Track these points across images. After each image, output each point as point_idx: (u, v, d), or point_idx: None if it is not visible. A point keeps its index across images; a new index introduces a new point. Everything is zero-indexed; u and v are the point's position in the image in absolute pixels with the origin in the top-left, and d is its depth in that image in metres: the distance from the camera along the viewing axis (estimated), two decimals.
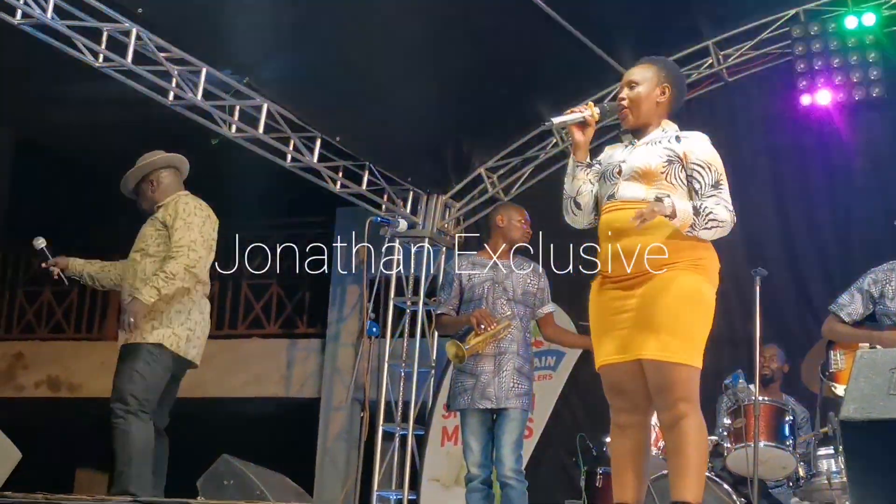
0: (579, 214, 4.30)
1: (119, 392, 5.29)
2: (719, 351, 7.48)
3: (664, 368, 3.96)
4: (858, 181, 7.67)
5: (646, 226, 3.93)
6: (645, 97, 4.21)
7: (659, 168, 4.05)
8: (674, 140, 4.14)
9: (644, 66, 4.30)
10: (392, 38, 7.33)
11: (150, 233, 5.57)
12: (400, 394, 8.62)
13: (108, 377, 5.56)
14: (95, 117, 9.09)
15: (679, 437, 3.99)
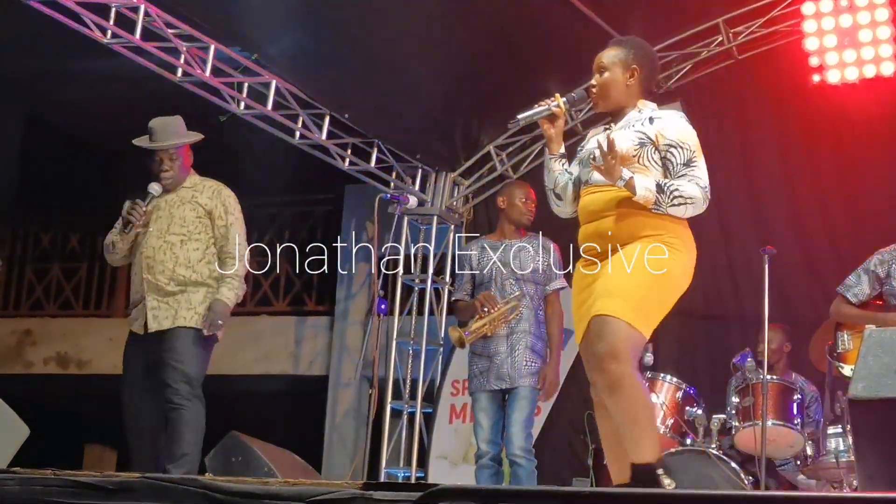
0: (561, 205, 4.34)
1: (185, 376, 5.27)
2: (728, 330, 7.52)
3: (604, 321, 3.94)
4: (868, 160, 7.64)
5: (614, 208, 4.04)
6: (613, 81, 4.22)
7: (630, 151, 4.06)
8: (647, 122, 4.15)
9: (611, 49, 4.29)
10: (402, 15, 7.31)
11: (192, 218, 5.46)
12: (408, 371, 8.63)
13: (117, 353, 5.60)
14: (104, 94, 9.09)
15: (620, 401, 3.94)
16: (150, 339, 5.36)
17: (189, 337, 5.34)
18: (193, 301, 5.37)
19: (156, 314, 5.34)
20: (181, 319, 5.34)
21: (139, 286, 5.44)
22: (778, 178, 7.95)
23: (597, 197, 4.12)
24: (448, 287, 8.88)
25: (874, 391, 3.11)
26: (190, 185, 5.54)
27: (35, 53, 8.29)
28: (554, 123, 4.25)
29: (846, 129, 7.77)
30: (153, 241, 5.43)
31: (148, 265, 5.41)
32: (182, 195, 5.51)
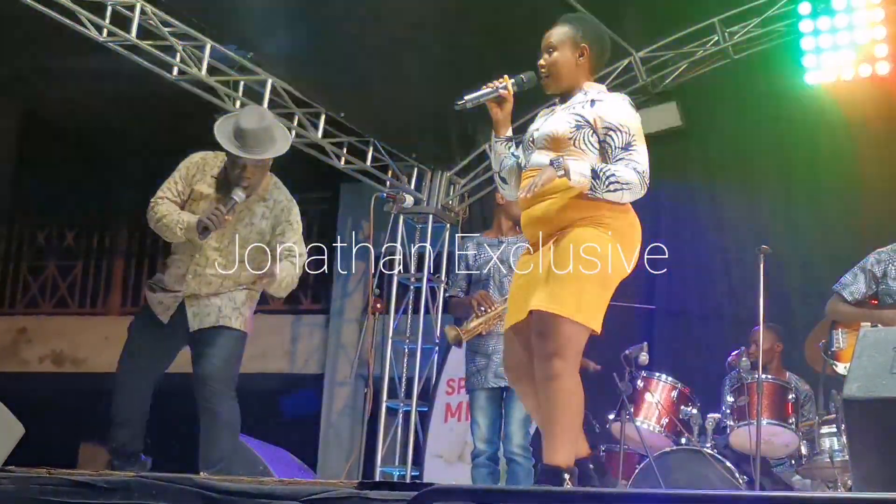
0: (507, 189, 4.28)
1: (227, 376, 5.08)
2: (724, 329, 7.53)
3: (548, 318, 3.87)
4: (864, 160, 7.65)
5: (552, 188, 3.92)
6: (563, 62, 4.12)
7: (566, 134, 3.98)
8: (587, 105, 4.04)
9: (561, 27, 4.19)
10: (397, 14, 7.30)
11: (253, 239, 5.13)
12: (404, 370, 8.64)
13: (112, 351, 5.53)
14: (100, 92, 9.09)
15: (551, 398, 3.90)
16: (175, 328, 5.09)
17: (233, 338, 5.11)
18: (237, 300, 5.13)
19: (196, 312, 5.07)
20: (226, 319, 5.09)
21: (179, 279, 5.09)
22: (773, 178, 7.97)
23: (530, 182, 4.03)
24: (444, 285, 8.89)
25: (869, 391, 3.11)
26: (263, 191, 5.16)
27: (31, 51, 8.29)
28: (501, 106, 4.15)
29: (842, 129, 7.78)
30: (209, 252, 5.08)
31: (196, 271, 5.08)
32: (252, 209, 5.13)
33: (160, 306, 5.13)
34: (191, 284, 5.08)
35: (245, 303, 5.15)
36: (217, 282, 5.08)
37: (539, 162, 4.00)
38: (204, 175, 5.13)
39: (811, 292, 7.51)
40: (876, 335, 3.28)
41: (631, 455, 6.33)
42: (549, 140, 4.02)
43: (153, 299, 5.15)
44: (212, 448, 5.02)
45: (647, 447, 6.02)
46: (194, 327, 5.06)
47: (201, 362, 5.05)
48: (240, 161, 4.96)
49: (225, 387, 5.05)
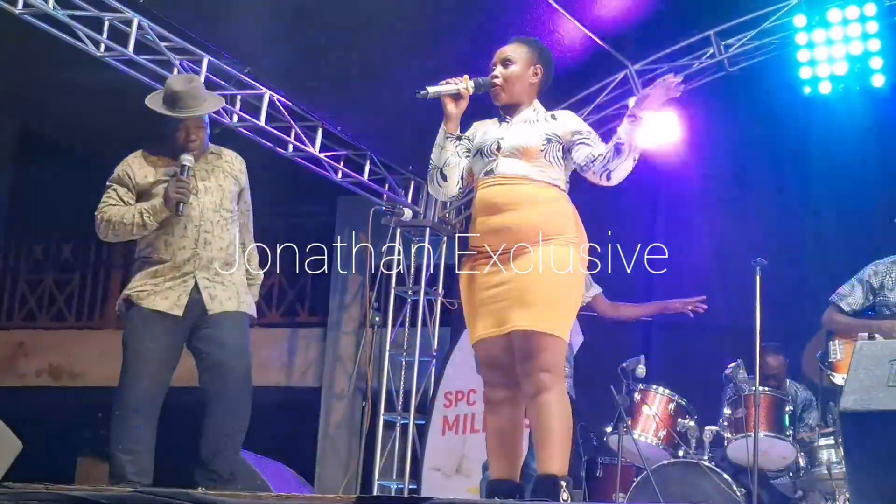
0: (444, 186, 4.30)
1: (248, 368, 4.87)
2: (720, 341, 7.53)
3: (534, 337, 3.99)
4: (860, 172, 7.66)
5: (522, 201, 4.06)
6: (518, 76, 4.26)
7: (538, 146, 4.12)
8: (550, 119, 4.23)
9: (517, 45, 4.34)
10: (394, 27, 7.32)
11: (234, 192, 4.97)
12: (401, 383, 8.64)
13: (110, 365, 5.47)
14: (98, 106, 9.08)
15: (542, 409, 4.00)
16: (188, 320, 4.81)
17: (246, 325, 4.91)
18: (244, 283, 4.96)
19: (212, 293, 4.79)
20: (245, 305, 4.89)
21: (183, 263, 4.80)
22: (769, 189, 7.98)
23: (502, 189, 4.13)
24: (441, 298, 8.89)
25: (865, 404, 3.12)
26: (216, 151, 5.03)
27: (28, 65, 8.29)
28: (457, 103, 4.26)
29: (837, 141, 7.79)
30: (210, 215, 4.86)
31: (205, 241, 4.82)
32: (219, 165, 4.98)
33: (164, 302, 4.79)
34: (198, 265, 4.81)
35: (248, 290, 4.99)
36: (223, 263, 4.85)
37: (514, 171, 4.11)
38: (141, 167, 4.94)
39: (807, 303, 7.52)
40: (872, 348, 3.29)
41: (628, 468, 6.33)
42: (519, 151, 4.13)
43: (152, 297, 4.81)
44: (230, 447, 4.83)
45: (644, 460, 6.02)
46: (214, 310, 4.79)
47: (224, 350, 4.79)
48: (182, 124, 4.84)
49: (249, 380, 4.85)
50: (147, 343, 4.82)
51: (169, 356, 4.86)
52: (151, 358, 4.82)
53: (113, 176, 5.00)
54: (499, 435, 4.20)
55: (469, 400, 8.53)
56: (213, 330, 4.81)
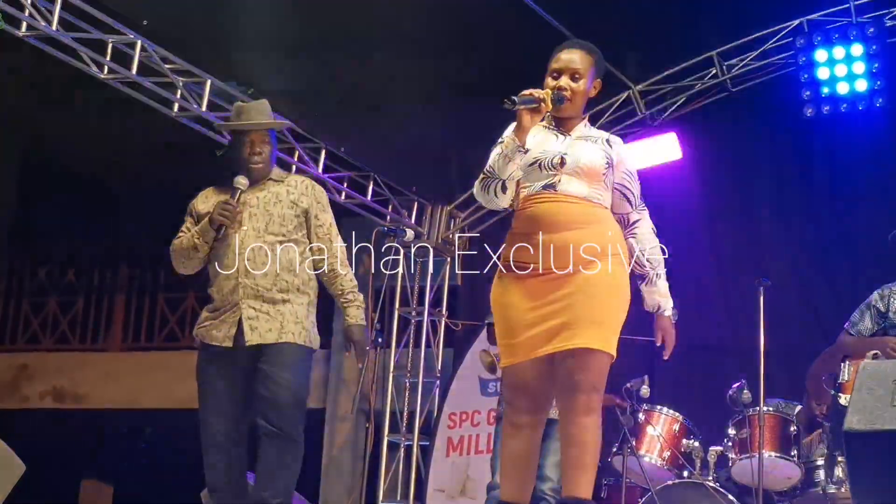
0: (501, 198, 4.06)
1: (296, 401, 4.72)
2: (723, 361, 7.53)
3: (595, 355, 3.90)
4: (863, 191, 7.67)
5: (584, 221, 3.96)
6: (584, 91, 4.10)
7: (601, 169, 4.01)
8: (605, 143, 4.10)
9: (584, 55, 4.13)
10: (397, 49, 7.35)
11: (290, 216, 4.84)
12: (405, 404, 8.62)
13: (114, 387, 5.48)
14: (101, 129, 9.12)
15: (584, 431, 3.91)
16: (238, 353, 4.72)
17: (299, 358, 4.76)
18: (300, 315, 4.78)
19: (254, 325, 4.69)
20: (289, 335, 4.73)
21: (229, 293, 4.74)
22: (773, 209, 7.98)
23: (563, 207, 3.98)
24: (445, 319, 8.89)
25: (869, 424, 3.11)
26: (278, 177, 4.94)
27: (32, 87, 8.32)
28: (534, 116, 3.99)
29: (840, 161, 7.81)
30: (251, 241, 4.75)
31: (246, 269, 4.73)
32: (275, 191, 4.88)
33: (215, 333, 4.76)
34: (242, 295, 4.73)
35: (308, 316, 4.84)
36: (269, 290, 4.74)
37: (576, 191, 3.98)
38: (206, 199, 4.93)
39: (811, 323, 7.53)
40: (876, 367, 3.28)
41: (633, 489, 6.31)
42: (584, 170, 4.00)
43: (204, 331, 4.80)
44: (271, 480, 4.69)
45: (649, 481, 6.00)
46: (252, 341, 4.69)
47: (266, 383, 4.70)
48: (246, 137, 4.84)
49: (296, 414, 4.72)
50: (211, 380, 4.79)
51: (235, 389, 4.77)
52: (217, 395, 4.77)
53: (189, 207, 5.01)
54: (516, 458, 4.10)
55: (473, 421, 8.53)
56: (259, 363, 4.73)
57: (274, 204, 4.84)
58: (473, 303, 8.86)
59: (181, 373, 10.29)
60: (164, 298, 11.30)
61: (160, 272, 11.41)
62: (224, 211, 4.72)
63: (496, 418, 5.99)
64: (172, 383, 9.96)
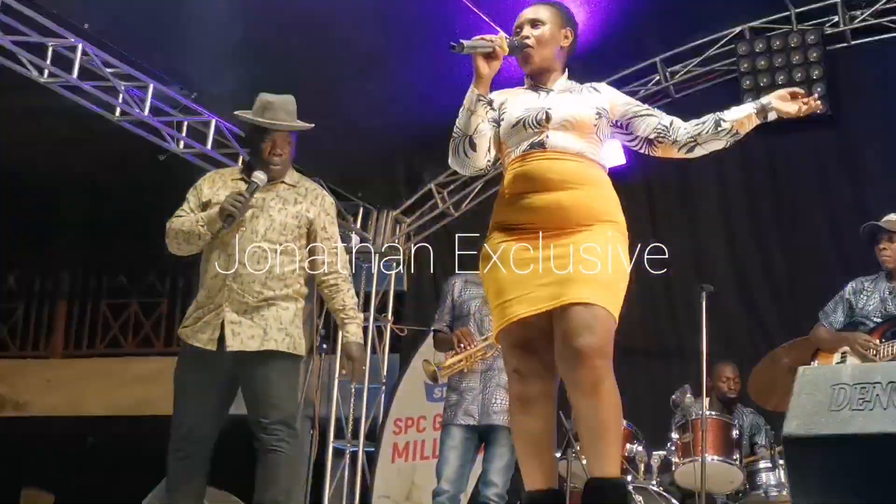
0: (472, 157, 3.81)
1: (284, 413, 4.65)
2: (669, 366, 7.58)
3: (594, 314, 3.54)
4: (803, 198, 7.75)
5: (578, 180, 3.70)
6: (550, 38, 3.89)
7: (591, 120, 3.78)
8: (593, 91, 3.89)
9: (543, 6, 3.96)
10: (342, 54, 7.32)
11: (293, 226, 4.75)
12: (350, 410, 8.59)
13: (55, 394, 5.42)
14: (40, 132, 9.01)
15: (603, 402, 3.51)
16: (223, 357, 4.63)
17: (285, 365, 4.69)
18: (284, 320, 4.69)
19: (236, 330, 4.60)
20: (272, 342, 4.64)
21: (216, 293, 4.66)
22: (716, 216, 8.04)
23: (556, 165, 3.72)
24: (391, 325, 8.87)
25: (808, 429, 3.13)
26: (291, 181, 4.85)
27: None
28: (490, 63, 3.76)
29: (782, 167, 7.88)
30: (245, 244, 4.66)
31: (236, 272, 4.63)
32: (284, 196, 4.79)
33: (199, 335, 4.67)
34: (227, 297, 4.64)
35: (293, 321, 4.74)
36: (255, 298, 4.64)
37: (566, 145, 3.74)
38: (214, 182, 4.81)
39: (754, 327, 7.60)
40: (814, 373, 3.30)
41: (577, 493, 6.32)
42: (571, 123, 3.77)
43: (188, 331, 4.72)
44: (268, 492, 4.64)
45: None
46: (233, 347, 4.60)
47: (251, 396, 4.69)
48: (269, 135, 4.75)
49: (286, 427, 4.66)
50: (190, 381, 4.72)
51: (212, 393, 4.71)
52: (195, 396, 4.70)
53: (193, 188, 4.87)
54: (533, 439, 3.72)
55: (419, 427, 8.51)
56: (243, 369, 4.67)
57: (279, 210, 4.75)
58: (419, 308, 8.86)
59: (124, 379, 10.22)
60: (106, 304, 11.19)
61: (103, 278, 11.30)
62: (236, 202, 4.61)
63: (442, 424, 5.99)
64: (115, 390, 9.86)
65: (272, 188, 4.77)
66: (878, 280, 5.83)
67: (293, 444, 4.68)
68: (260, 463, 4.66)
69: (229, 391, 4.75)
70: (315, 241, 4.79)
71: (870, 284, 5.85)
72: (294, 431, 4.68)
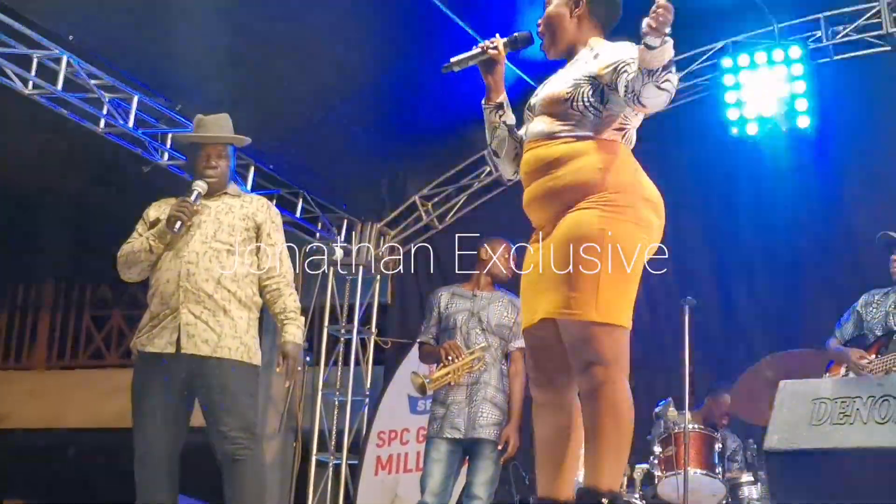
0: (500, 164, 3.72)
1: (244, 421, 4.62)
2: (651, 379, 7.58)
3: (567, 326, 3.40)
4: (786, 211, 7.77)
5: (543, 167, 3.47)
6: (557, 14, 3.65)
7: (563, 94, 3.49)
8: (591, 60, 3.54)
9: None
10: (327, 66, 7.33)
11: (241, 228, 4.80)
12: (334, 422, 8.59)
13: (37, 406, 5.40)
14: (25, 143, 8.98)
15: (596, 408, 3.37)
16: (180, 361, 4.62)
17: (240, 374, 4.65)
18: (239, 328, 4.69)
19: (191, 332, 4.61)
20: (224, 350, 4.63)
21: (169, 297, 4.65)
22: (698, 229, 8.05)
23: (530, 156, 3.54)
24: (374, 337, 8.87)
25: (789, 443, 3.15)
26: (235, 193, 4.93)
27: None
28: (492, 70, 3.64)
29: (765, 181, 7.90)
30: (196, 246, 4.70)
31: (188, 272, 4.65)
32: (229, 203, 4.86)
33: (156, 341, 4.65)
34: (182, 298, 4.64)
35: (248, 330, 4.73)
36: (209, 296, 4.65)
37: (539, 130, 3.51)
38: (159, 206, 4.89)
39: (736, 341, 7.61)
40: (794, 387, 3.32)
41: None
42: (546, 105, 3.53)
43: (144, 339, 4.70)
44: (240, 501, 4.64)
45: None
46: (187, 349, 4.59)
47: (209, 405, 4.66)
48: (202, 150, 4.84)
49: (247, 434, 4.64)
50: (148, 391, 4.69)
51: (170, 402, 4.68)
52: (155, 406, 4.67)
53: (143, 215, 4.95)
54: (541, 445, 3.61)
55: (402, 439, 8.50)
56: (199, 377, 4.64)
57: (226, 213, 4.83)
58: (403, 320, 8.86)
59: (106, 391, 10.17)
60: (89, 316, 11.15)
61: (86, 289, 11.26)
62: (181, 208, 4.69)
63: (426, 437, 5.99)
64: (97, 402, 9.83)
65: (217, 199, 4.86)
66: (889, 293, 5.85)
67: (256, 451, 4.68)
68: (225, 475, 4.66)
69: (188, 400, 4.74)
70: (260, 247, 4.84)
71: (880, 297, 5.87)
72: (255, 437, 4.67)
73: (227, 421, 4.61)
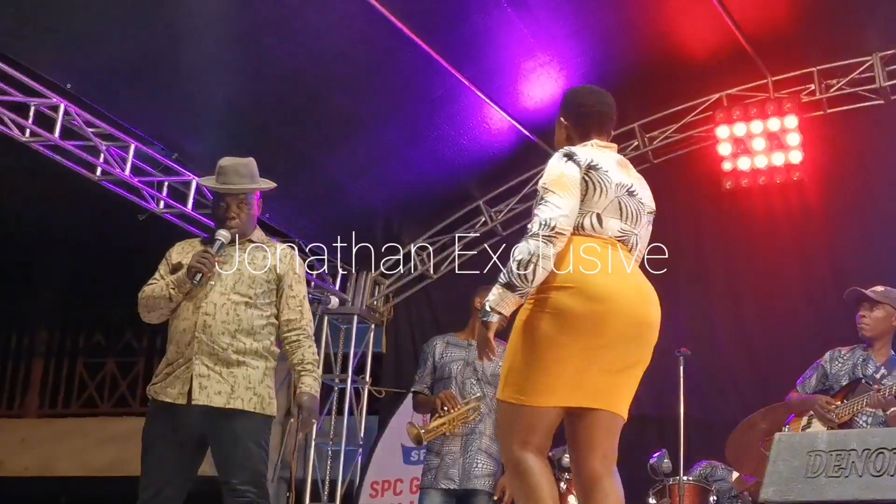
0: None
1: (254, 475, 4.58)
2: (645, 430, 7.56)
3: (499, 408, 3.83)
4: (779, 262, 7.79)
5: None
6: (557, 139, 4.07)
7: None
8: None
9: None
10: (323, 116, 7.37)
11: (262, 280, 4.76)
12: (327, 472, 8.55)
13: (29, 454, 5.36)
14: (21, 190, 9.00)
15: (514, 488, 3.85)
16: (191, 411, 4.57)
17: (252, 425, 4.61)
18: (253, 379, 4.64)
19: (204, 384, 4.57)
20: (238, 401, 4.59)
21: (185, 347, 4.63)
22: (692, 280, 8.06)
23: None
24: (368, 386, 8.85)
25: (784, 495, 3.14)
26: (258, 240, 4.88)
27: None
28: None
29: (758, 232, 7.93)
30: (215, 298, 4.66)
31: (205, 324, 4.62)
32: (253, 253, 4.81)
33: (168, 391, 4.62)
34: (196, 350, 4.62)
35: (262, 381, 4.67)
36: (225, 350, 4.62)
37: None
38: (192, 248, 4.84)
39: (730, 391, 7.60)
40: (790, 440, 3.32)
41: None
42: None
43: (157, 388, 4.67)
44: None
45: None
46: (199, 401, 4.55)
47: (220, 456, 4.63)
48: (223, 199, 4.78)
49: (256, 489, 4.58)
50: (158, 438, 4.66)
51: (180, 451, 4.65)
52: (163, 454, 4.64)
53: (165, 256, 4.91)
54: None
55: (396, 490, 8.47)
56: (210, 427, 4.60)
57: (248, 264, 4.77)
58: (398, 370, 8.84)
59: (99, 439, 10.12)
60: (83, 363, 11.11)
61: (79, 336, 11.23)
62: (203, 259, 4.63)
63: (420, 487, 5.96)
64: (90, 450, 9.77)
65: (241, 246, 4.81)
66: (855, 350, 5.87)
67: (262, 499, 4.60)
68: None
69: (198, 450, 4.71)
70: (282, 298, 4.79)
71: (846, 353, 5.88)
72: (263, 491, 4.61)
73: (237, 474, 4.57)
